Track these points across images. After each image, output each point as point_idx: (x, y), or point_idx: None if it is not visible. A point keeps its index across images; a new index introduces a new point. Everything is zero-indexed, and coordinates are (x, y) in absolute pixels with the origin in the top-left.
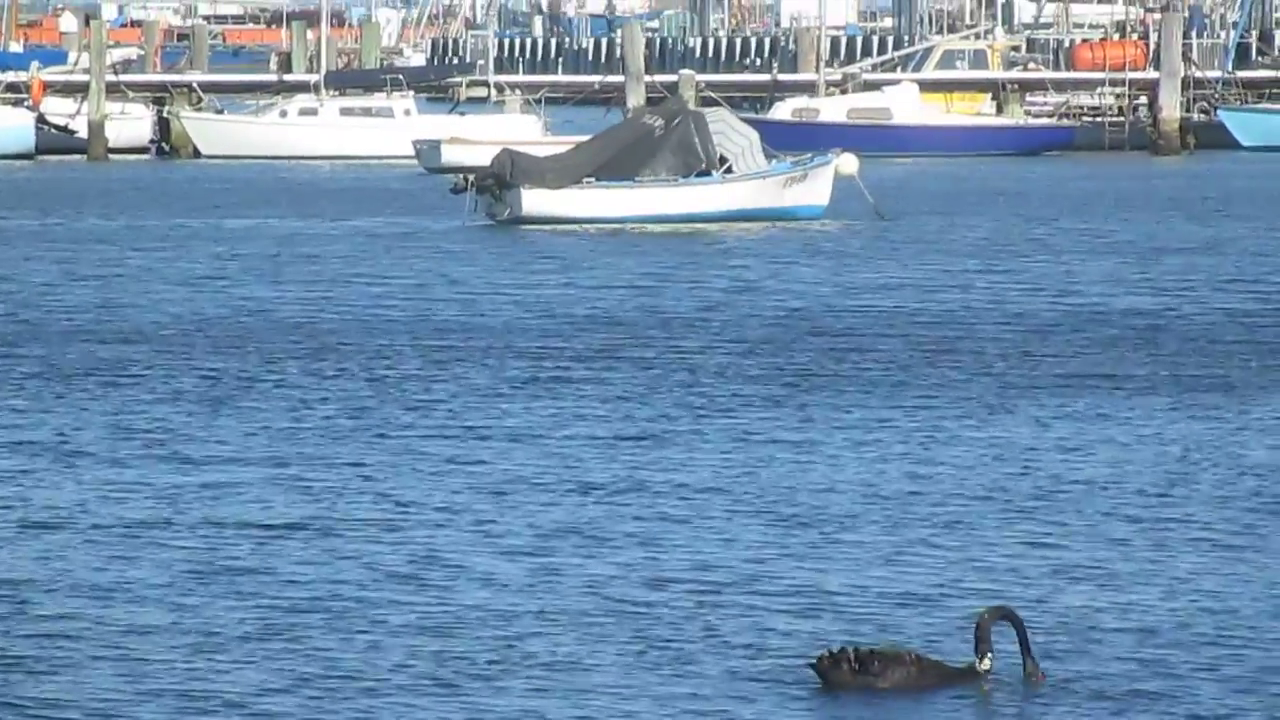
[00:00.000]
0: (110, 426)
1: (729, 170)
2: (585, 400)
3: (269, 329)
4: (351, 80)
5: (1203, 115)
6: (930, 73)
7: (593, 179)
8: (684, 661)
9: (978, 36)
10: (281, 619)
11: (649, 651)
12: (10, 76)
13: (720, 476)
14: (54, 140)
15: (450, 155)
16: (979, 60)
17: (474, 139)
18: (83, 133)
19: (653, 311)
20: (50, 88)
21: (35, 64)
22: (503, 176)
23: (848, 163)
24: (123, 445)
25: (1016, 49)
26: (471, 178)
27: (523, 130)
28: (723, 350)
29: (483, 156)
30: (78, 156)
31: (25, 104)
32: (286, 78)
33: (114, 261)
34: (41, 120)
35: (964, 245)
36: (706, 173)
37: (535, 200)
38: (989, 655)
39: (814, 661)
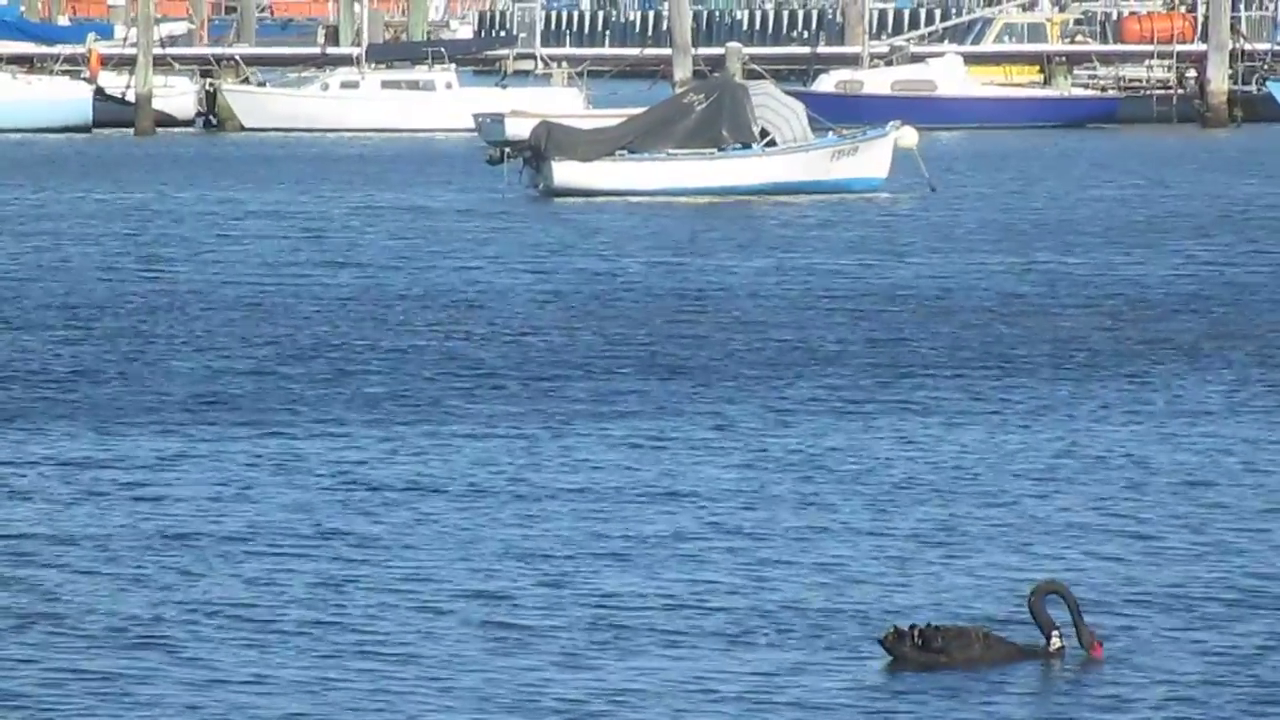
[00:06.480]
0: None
1: (770, 143)
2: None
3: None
4: (393, 53)
5: (1261, 88)
6: (984, 45)
7: (625, 151)
8: (750, 637)
9: (1023, 9)
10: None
11: (714, 627)
12: (67, 49)
13: (783, 450)
14: (111, 112)
15: (514, 129)
16: (1037, 33)
17: (536, 113)
18: None
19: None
20: (106, 61)
21: (92, 36)
22: (539, 148)
23: (907, 136)
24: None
25: (1080, 22)
26: (509, 149)
27: (566, 103)
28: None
29: None
30: (128, 130)
31: (83, 77)
32: (330, 51)
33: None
34: (100, 93)
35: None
36: (747, 145)
37: (566, 172)
38: (1056, 632)
39: (880, 637)
